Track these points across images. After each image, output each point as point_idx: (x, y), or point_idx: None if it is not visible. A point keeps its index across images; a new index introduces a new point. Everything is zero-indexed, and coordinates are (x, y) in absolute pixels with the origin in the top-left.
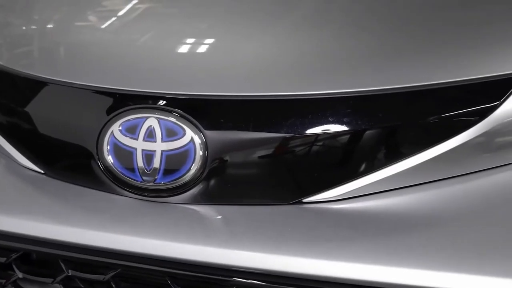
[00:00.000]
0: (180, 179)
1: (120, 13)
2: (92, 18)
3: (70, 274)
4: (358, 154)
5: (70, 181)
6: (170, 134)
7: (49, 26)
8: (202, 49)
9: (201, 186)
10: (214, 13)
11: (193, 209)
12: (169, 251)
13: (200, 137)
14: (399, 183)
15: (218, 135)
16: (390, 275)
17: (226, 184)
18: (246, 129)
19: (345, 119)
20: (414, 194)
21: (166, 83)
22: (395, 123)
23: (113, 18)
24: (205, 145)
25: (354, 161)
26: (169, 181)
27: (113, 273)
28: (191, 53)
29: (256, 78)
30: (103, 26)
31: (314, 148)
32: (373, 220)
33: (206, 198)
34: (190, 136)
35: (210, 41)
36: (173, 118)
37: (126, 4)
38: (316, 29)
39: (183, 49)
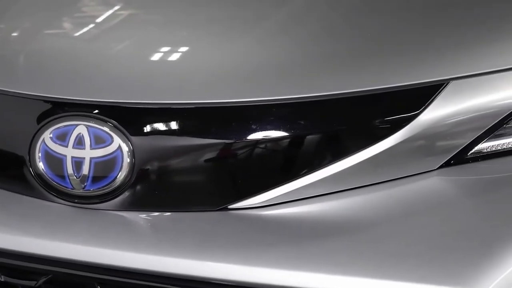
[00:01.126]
0: (108, 186)
1: (50, 22)
2: (22, 27)
3: (3, 280)
4: (282, 161)
5: (3, 188)
6: (99, 141)
7: None
8: (129, 58)
9: (129, 193)
10: (143, 24)
11: (121, 216)
12: (98, 257)
13: (127, 145)
14: (322, 189)
15: (145, 143)
16: (310, 281)
17: (153, 190)
18: (172, 136)
19: (268, 127)
20: (337, 201)
21: (95, 91)
22: (318, 131)
23: (43, 27)
24: (132, 153)
25: (279, 168)
26: (98, 188)
27: (45, 279)
28: (118, 62)
29: (181, 86)
30: (33, 35)
31: (239, 155)
32: (296, 226)
33: (135, 204)
34: (118, 143)
35: (136, 50)
36: (101, 126)
37: (56, 13)
38: (241, 37)
39: (111, 58)
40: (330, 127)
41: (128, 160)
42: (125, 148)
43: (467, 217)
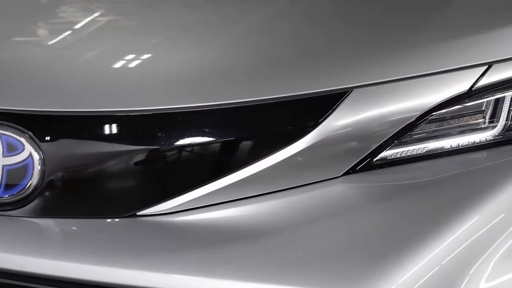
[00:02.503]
0: (20, 193)
1: None
2: None
3: None
4: (187, 168)
5: None
6: (11, 149)
7: None
8: (41, 65)
9: (40, 200)
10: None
11: (33, 222)
12: (8, 264)
13: (38, 153)
14: (227, 196)
15: (55, 150)
16: (211, 287)
17: (63, 198)
18: (82, 144)
19: (173, 135)
20: (242, 207)
21: (8, 98)
22: (221, 139)
23: None
24: (43, 160)
25: (184, 175)
26: (11, 195)
27: None
28: (31, 69)
29: (90, 94)
30: None
31: (146, 162)
32: (201, 232)
33: (46, 211)
34: (29, 151)
35: (47, 59)
36: (13, 134)
37: None
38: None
39: (23, 65)
40: (233, 135)
41: (39, 167)
42: (36, 156)
43: (368, 223)
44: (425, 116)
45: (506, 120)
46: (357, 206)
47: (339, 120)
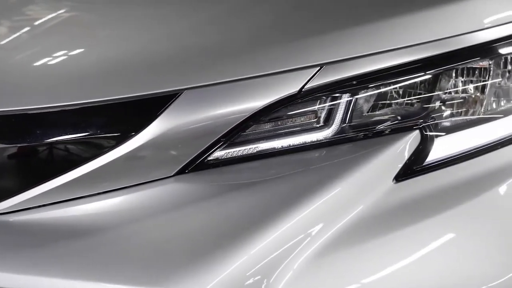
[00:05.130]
0: None
1: None
2: None
3: None
4: (24, 168)
5: None
6: None
7: None
8: None
9: None
10: None
11: None
12: None
13: None
14: (62, 196)
15: None
16: (37, 284)
17: None
18: None
19: (4, 135)
20: (77, 206)
21: None
22: (54, 139)
23: None
24: None
25: (20, 175)
26: None
27: None
28: None
29: None
30: None
31: None
32: (35, 231)
33: None
34: None
35: None
36: None
37: None
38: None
39: None
40: (64, 136)
41: None
42: None
43: (192, 222)
44: (256, 117)
45: (339, 121)
46: (184, 206)
47: (169, 121)
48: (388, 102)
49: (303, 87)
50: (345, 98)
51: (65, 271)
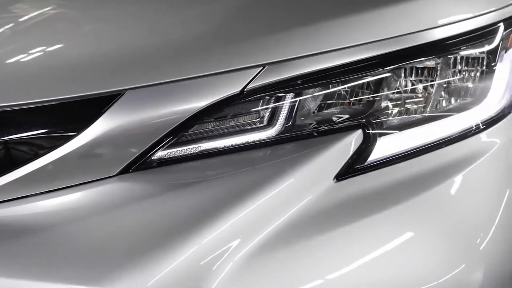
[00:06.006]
0: None
1: None
2: None
3: None
4: None
5: None
6: None
7: None
8: None
9: None
10: None
11: None
12: None
13: None
14: (3, 196)
15: None
16: None
17: None
18: None
19: None
20: (16, 207)
21: None
22: None
23: None
24: None
25: None
26: None
27: None
28: None
29: None
30: None
31: None
32: None
33: None
34: None
35: None
36: None
37: None
38: None
39: None
40: (8, 136)
41: None
42: None
43: (132, 222)
44: (198, 116)
45: (283, 120)
46: (126, 205)
47: (112, 121)
48: (332, 101)
49: (245, 87)
50: (289, 97)
51: (6, 270)
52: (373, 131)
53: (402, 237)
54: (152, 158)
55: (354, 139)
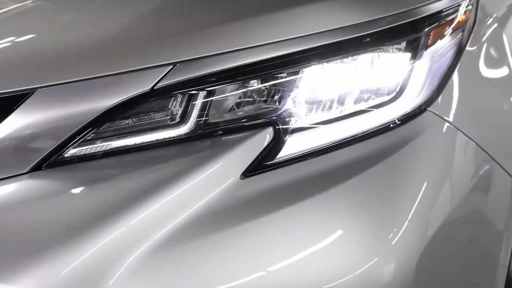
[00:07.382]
0: None
1: None
2: None
3: None
4: None
5: None
6: None
7: None
8: None
9: None
10: None
11: None
12: None
13: None
14: None
15: None
16: None
17: None
18: None
19: None
20: None
21: None
22: None
23: None
24: None
25: None
26: None
27: None
28: None
29: None
30: None
31: None
32: None
33: None
34: None
35: None
36: None
37: None
38: None
39: None
40: None
41: None
42: None
43: (39, 219)
44: (110, 114)
45: (195, 118)
46: (35, 202)
47: (22, 119)
48: (244, 99)
49: (155, 85)
50: (200, 95)
51: None
52: (284, 128)
53: (311, 232)
54: (64, 155)
55: (264, 136)
